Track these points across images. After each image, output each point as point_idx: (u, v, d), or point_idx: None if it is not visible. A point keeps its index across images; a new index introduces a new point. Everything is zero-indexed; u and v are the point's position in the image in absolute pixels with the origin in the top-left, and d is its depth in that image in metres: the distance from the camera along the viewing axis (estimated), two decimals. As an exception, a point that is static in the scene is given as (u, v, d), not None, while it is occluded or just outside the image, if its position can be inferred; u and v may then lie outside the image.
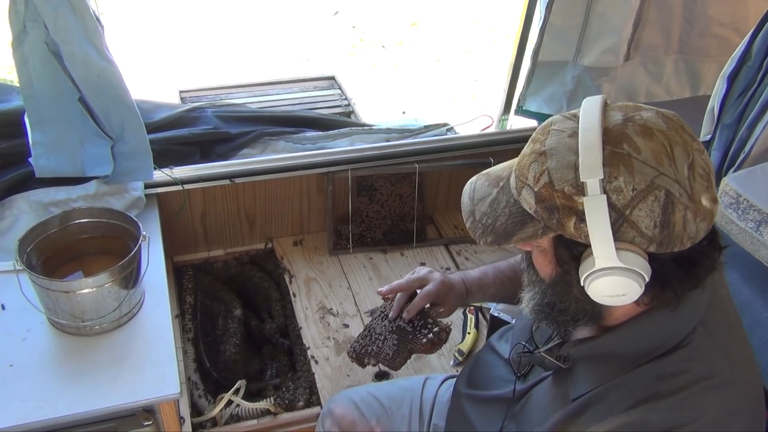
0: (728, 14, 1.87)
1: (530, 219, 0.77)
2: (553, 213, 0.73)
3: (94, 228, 1.32)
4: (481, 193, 0.85)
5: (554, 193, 0.73)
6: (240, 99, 2.33)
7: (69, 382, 1.16)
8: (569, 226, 0.73)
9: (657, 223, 0.70)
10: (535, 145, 0.77)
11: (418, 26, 5.06)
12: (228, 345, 1.60)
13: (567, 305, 0.81)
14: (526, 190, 0.76)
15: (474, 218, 0.84)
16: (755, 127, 1.31)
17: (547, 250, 0.80)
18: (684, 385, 0.76)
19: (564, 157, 0.73)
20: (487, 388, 1.06)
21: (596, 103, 0.76)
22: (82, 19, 1.26)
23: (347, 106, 2.37)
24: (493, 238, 0.81)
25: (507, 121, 2.11)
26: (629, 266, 0.71)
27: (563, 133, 0.75)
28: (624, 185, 0.69)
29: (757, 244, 1.17)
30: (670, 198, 0.69)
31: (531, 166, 0.76)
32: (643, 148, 0.70)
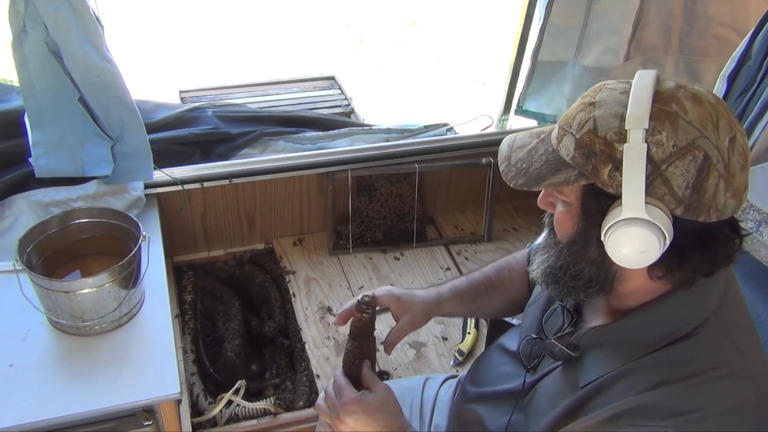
0: (728, 14, 1.87)
1: (564, 166, 0.78)
2: (590, 158, 0.74)
3: (94, 228, 1.32)
4: (520, 142, 0.86)
5: (596, 138, 0.74)
6: (240, 99, 2.33)
7: (69, 382, 1.16)
8: (603, 173, 0.73)
9: (689, 184, 0.70)
10: (585, 98, 0.79)
11: (418, 26, 5.06)
12: (228, 345, 1.60)
13: (581, 268, 0.81)
14: (568, 137, 0.77)
15: (509, 162, 0.85)
16: (755, 127, 1.32)
17: (571, 205, 0.80)
18: (695, 373, 0.76)
19: (612, 108, 0.74)
20: (494, 384, 1.05)
21: (651, 72, 0.77)
22: (82, 19, 1.26)
23: (347, 106, 2.37)
24: (524, 181, 0.81)
25: (507, 121, 2.11)
26: (654, 221, 0.71)
27: (615, 90, 0.77)
28: (665, 140, 0.70)
29: (757, 244, 1.17)
30: (707, 161, 0.70)
31: (577, 115, 0.77)
32: (690, 111, 0.72)
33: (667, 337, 0.79)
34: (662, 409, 0.75)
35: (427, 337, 1.64)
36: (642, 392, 0.77)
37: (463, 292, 1.17)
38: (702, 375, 0.76)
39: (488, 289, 1.16)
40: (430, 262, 1.88)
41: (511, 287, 1.17)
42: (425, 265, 1.86)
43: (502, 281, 1.18)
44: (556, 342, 0.89)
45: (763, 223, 1.15)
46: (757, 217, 1.16)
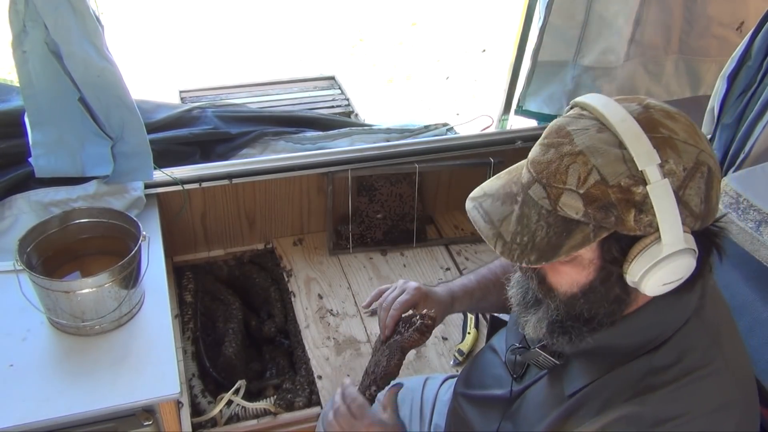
0: (728, 14, 1.87)
1: (576, 225, 0.72)
2: (609, 211, 0.70)
3: (94, 228, 1.32)
4: (498, 214, 0.78)
5: (609, 189, 0.69)
6: (240, 99, 2.33)
7: (69, 382, 1.16)
8: (629, 220, 0.70)
9: (702, 199, 0.70)
10: (561, 148, 0.73)
11: (418, 26, 5.06)
12: (228, 345, 1.60)
13: (595, 312, 0.79)
14: (568, 195, 0.71)
15: (504, 241, 0.76)
16: (755, 127, 1.31)
17: (580, 258, 0.75)
18: (676, 376, 0.76)
19: (608, 152, 0.70)
20: (484, 387, 1.06)
21: (606, 98, 0.75)
22: (82, 19, 1.26)
23: (347, 106, 2.37)
24: (537, 256, 0.73)
25: (507, 121, 2.11)
26: (691, 246, 0.71)
27: (589, 131, 0.72)
28: (675, 167, 0.69)
29: (757, 244, 1.17)
30: (711, 173, 0.71)
31: (570, 169, 0.71)
32: (677, 129, 0.71)
33: (650, 343, 0.79)
34: (647, 417, 0.75)
35: (427, 337, 1.64)
36: (625, 402, 0.77)
37: (473, 291, 1.18)
38: (684, 377, 0.76)
39: (495, 285, 1.16)
40: (430, 262, 1.88)
41: None
42: (425, 265, 1.86)
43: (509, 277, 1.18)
44: (540, 351, 0.89)
45: (763, 223, 1.15)
46: (757, 217, 1.16)
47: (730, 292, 1.24)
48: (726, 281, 1.25)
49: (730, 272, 1.25)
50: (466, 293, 1.17)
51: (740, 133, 1.35)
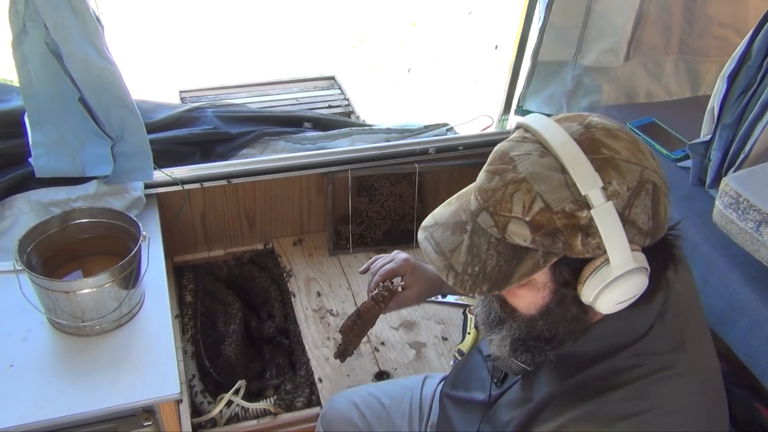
0: (728, 14, 1.87)
1: (525, 252, 0.72)
2: (556, 237, 0.70)
3: (94, 228, 1.32)
4: (448, 244, 0.78)
5: (553, 216, 0.69)
6: (240, 99, 2.33)
7: (69, 383, 1.16)
8: (576, 245, 0.70)
9: (650, 216, 0.71)
10: (505, 175, 0.73)
11: (418, 26, 5.06)
12: (228, 345, 1.60)
13: (556, 332, 0.79)
14: (514, 223, 0.71)
15: (456, 272, 0.76)
16: (755, 127, 1.31)
17: (534, 281, 0.76)
18: (637, 377, 0.77)
19: (551, 178, 0.70)
20: (468, 389, 1.07)
21: (547, 119, 0.75)
22: (82, 19, 1.26)
23: (347, 106, 2.37)
24: (489, 285, 0.74)
25: (507, 121, 2.11)
26: (641, 265, 0.71)
27: (531, 156, 0.72)
28: (619, 187, 0.69)
29: (757, 244, 1.17)
30: (656, 189, 0.71)
31: (514, 196, 0.71)
32: (619, 149, 0.71)
33: (615, 348, 0.79)
34: (605, 415, 0.75)
35: (427, 337, 1.64)
36: (583, 401, 0.77)
37: None
38: (644, 378, 0.76)
39: None
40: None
41: None
42: (425, 265, 1.86)
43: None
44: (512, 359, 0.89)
45: (763, 223, 1.15)
46: (757, 217, 1.16)
47: (730, 292, 1.24)
48: (726, 281, 1.25)
49: (730, 272, 1.25)
50: None
51: (740, 133, 1.35)
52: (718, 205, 1.23)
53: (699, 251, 1.32)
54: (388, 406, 1.25)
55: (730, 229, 1.21)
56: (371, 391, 1.30)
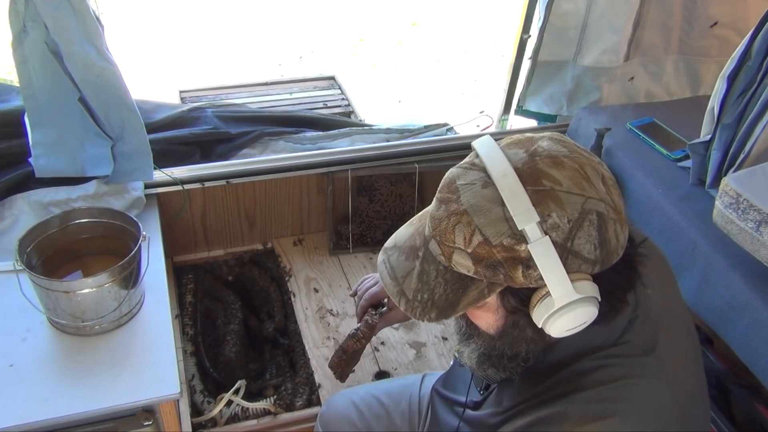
0: (728, 14, 1.87)
1: (470, 281, 0.73)
2: (497, 269, 0.70)
3: (94, 228, 1.32)
4: (402, 270, 0.79)
5: (492, 249, 0.69)
6: (240, 99, 2.33)
7: (69, 382, 1.16)
8: (517, 276, 0.70)
9: (596, 245, 0.69)
10: (449, 205, 0.73)
11: (418, 26, 5.06)
12: (228, 345, 1.60)
13: (518, 350, 0.80)
14: (458, 253, 0.72)
15: (407, 298, 0.77)
16: (755, 127, 1.31)
17: (489, 304, 0.77)
18: (605, 379, 0.76)
19: (490, 211, 0.70)
20: (455, 391, 1.08)
21: (492, 145, 0.75)
22: (82, 19, 1.26)
23: (347, 106, 2.37)
24: (437, 313, 0.75)
25: (507, 121, 2.11)
26: (586, 294, 0.70)
27: (475, 186, 0.73)
28: (559, 220, 0.68)
29: (757, 244, 1.17)
30: (601, 218, 0.69)
31: (456, 228, 0.71)
32: (561, 179, 0.70)
33: (581, 353, 0.79)
34: (572, 416, 0.75)
35: (427, 337, 1.64)
36: (550, 402, 0.77)
37: None
38: (613, 382, 0.76)
39: None
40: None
41: None
42: (425, 265, 1.86)
43: None
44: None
45: (763, 223, 1.15)
46: (757, 217, 1.16)
47: (730, 292, 1.24)
48: (726, 281, 1.25)
49: (730, 272, 1.25)
50: None
51: (740, 133, 1.35)
52: (718, 205, 1.23)
53: (699, 251, 1.32)
54: (387, 405, 1.25)
55: (730, 229, 1.22)
56: (370, 391, 1.30)
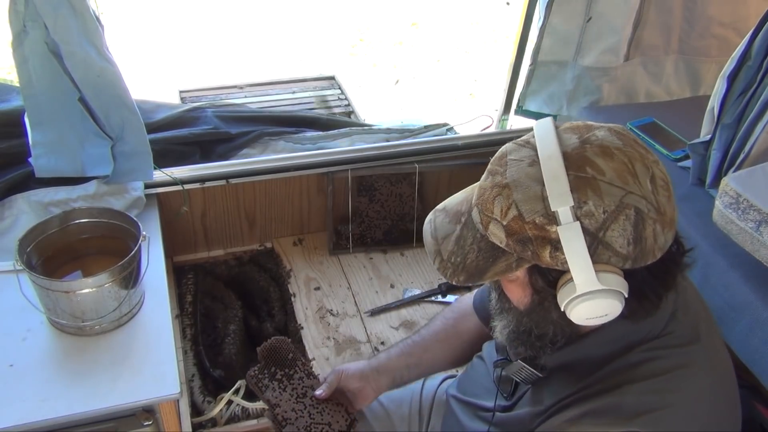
0: (728, 14, 1.87)
1: (502, 253, 0.75)
2: (526, 245, 0.72)
3: (94, 228, 1.32)
4: (443, 231, 0.83)
5: (525, 225, 0.71)
6: (240, 99, 2.33)
7: (69, 382, 1.16)
8: (545, 256, 0.72)
9: (630, 240, 0.70)
10: (495, 177, 0.76)
11: (418, 26, 5.06)
12: (228, 345, 1.60)
13: (545, 330, 0.81)
14: (494, 224, 0.74)
15: (442, 258, 0.81)
16: (755, 127, 1.31)
17: (520, 280, 0.79)
18: (658, 371, 0.77)
19: (529, 189, 0.72)
20: (476, 396, 1.07)
21: (549, 127, 0.76)
22: (82, 19, 1.26)
23: (347, 106, 2.37)
24: (465, 277, 0.78)
25: (507, 121, 2.11)
26: (610, 287, 0.71)
27: (522, 163, 0.74)
28: (594, 209, 0.69)
29: (757, 244, 1.17)
30: (640, 215, 0.70)
31: (496, 200, 0.74)
32: (606, 169, 0.70)
33: (627, 347, 0.80)
34: (626, 408, 0.76)
35: (427, 337, 1.64)
36: (603, 393, 0.78)
37: (400, 357, 1.17)
38: (666, 373, 0.77)
39: (441, 340, 1.19)
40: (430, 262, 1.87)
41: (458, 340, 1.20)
42: (425, 265, 1.86)
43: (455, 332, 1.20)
44: (523, 363, 0.89)
45: (763, 223, 1.15)
46: (757, 217, 1.16)
47: (730, 292, 1.24)
48: (726, 281, 1.25)
49: (730, 272, 1.25)
50: (390, 359, 1.17)
51: (740, 133, 1.35)
52: (718, 205, 1.23)
53: (699, 251, 1.32)
54: (388, 407, 1.25)
55: (730, 229, 1.21)
56: (371, 392, 1.29)
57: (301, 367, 1.19)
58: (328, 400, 1.15)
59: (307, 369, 1.20)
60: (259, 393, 1.15)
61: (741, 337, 1.21)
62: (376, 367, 1.17)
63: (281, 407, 1.13)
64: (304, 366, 1.20)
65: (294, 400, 1.14)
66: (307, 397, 1.15)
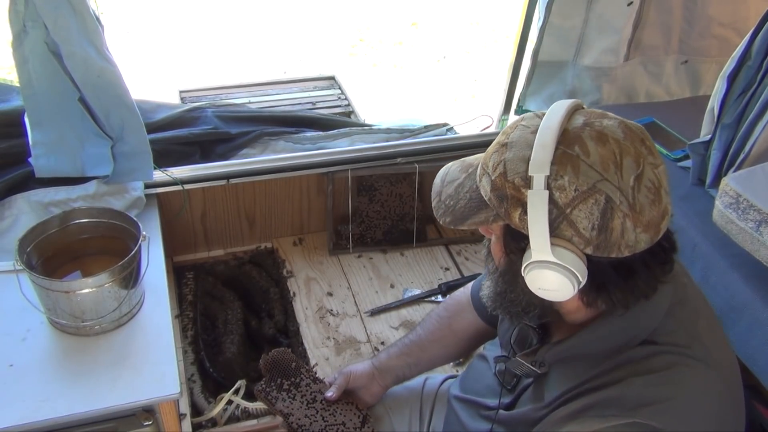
0: (728, 14, 1.87)
1: (484, 206, 0.80)
2: (502, 202, 0.77)
3: (94, 228, 1.32)
4: (451, 177, 0.88)
5: (506, 183, 0.76)
6: (240, 99, 2.33)
7: (69, 382, 1.16)
8: (515, 217, 0.76)
9: (595, 226, 0.71)
10: (501, 136, 0.81)
11: (418, 26, 5.06)
12: (228, 345, 1.60)
13: (516, 295, 0.84)
14: (486, 177, 0.79)
15: (439, 198, 0.87)
16: (755, 127, 1.31)
17: (498, 239, 0.83)
18: (660, 367, 0.78)
19: (521, 151, 0.76)
20: (478, 394, 1.07)
21: (564, 105, 0.78)
22: (82, 19, 1.26)
23: (347, 106, 2.37)
24: (450, 219, 0.84)
25: (507, 121, 2.11)
26: (563, 263, 0.73)
27: (527, 129, 0.78)
28: (567, 184, 0.71)
29: (757, 244, 1.17)
30: (609, 204, 0.71)
31: (493, 155, 0.79)
32: (592, 153, 0.72)
33: (625, 346, 0.81)
34: (629, 399, 0.76)
35: (427, 337, 1.64)
36: (607, 386, 0.79)
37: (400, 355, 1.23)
38: (668, 368, 0.77)
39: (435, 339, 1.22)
40: (430, 262, 1.88)
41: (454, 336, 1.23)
42: (425, 265, 1.86)
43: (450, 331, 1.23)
44: (522, 360, 0.91)
45: (763, 223, 1.15)
46: (757, 217, 1.16)
47: (730, 292, 1.24)
48: (726, 281, 1.25)
49: (730, 272, 1.25)
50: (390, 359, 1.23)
51: (740, 133, 1.35)
52: (718, 205, 1.23)
53: (699, 251, 1.32)
54: (389, 407, 1.25)
55: (730, 229, 1.22)
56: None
57: (306, 374, 1.23)
58: (338, 401, 1.19)
59: (311, 375, 1.24)
60: (270, 405, 1.19)
61: (741, 337, 1.21)
62: (378, 366, 1.22)
63: (294, 415, 1.16)
64: (308, 372, 1.24)
65: (305, 406, 1.18)
66: (317, 401, 1.19)
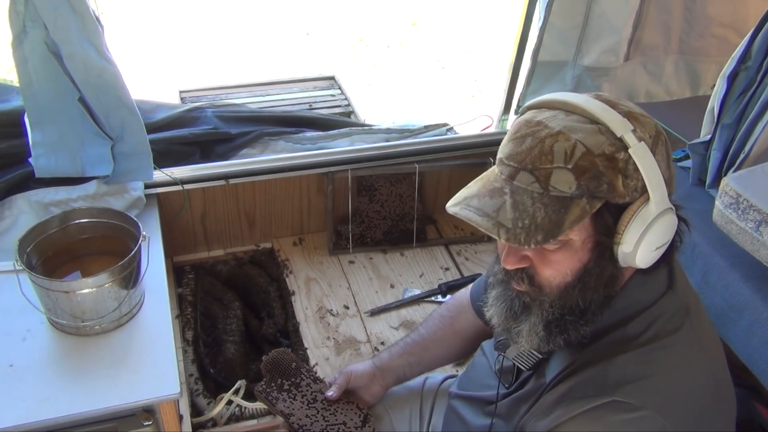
0: (728, 14, 1.87)
1: (570, 200, 0.74)
2: (600, 179, 0.73)
3: (94, 228, 1.32)
4: (491, 207, 0.77)
5: (595, 159, 0.73)
6: (240, 99, 2.33)
7: (69, 382, 1.16)
8: (619, 185, 0.74)
9: (667, 164, 0.77)
10: (538, 134, 0.75)
11: (418, 26, 5.06)
12: (228, 345, 1.60)
13: (589, 299, 0.80)
14: (557, 173, 0.73)
15: (506, 228, 0.75)
16: (755, 127, 1.31)
17: (572, 243, 0.77)
18: (646, 341, 0.79)
19: (584, 129, 0.75)
20: (477, 390, 1.08)
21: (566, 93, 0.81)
22: (82, 19, 1.26)
23: (347, 106, 2.37)
24: (543, 235, 0.74)
25: (507, 121, 2.10)
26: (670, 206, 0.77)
27: (558, 116, 0.77)
28: (643, 134, 0.75)
29: (757, 244, 1.17)
30: (667, 141, 0.78)
31: (554, 147, 0.74)
32: (631, 107, 0.78)
33: (628, 317, 0.82)
34: (610, 379, 0.77)
35: (427, 337, 1.64)
36: (592, 365, 0.80)
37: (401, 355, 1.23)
38: (652, 342, 0.78)
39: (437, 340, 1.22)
40: (430, 262, 1.88)
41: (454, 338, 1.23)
42: (425, 265, 1.86)
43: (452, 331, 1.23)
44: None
45: (763, 223, 1.15)
46: (757, 217, 1.16)
47: (730, 292, 1.24)
48: (726, 281, 1.25)
49: (730, 272, 1.25)
50: (392, 358, 1.23)
51: (740, 133, 1.35)
52: (718, 205, 1.23)
53: (699, 251, 1.32)
54: (389, 406, 1.25)
55: (730, 229, 1.21)
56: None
57: (306, 374, 1.23)
58: (338, 401, 1.19)
59: (312, 375, 1.24)
60: (270, 406, 1.19)
61: (741, 337, 1.21)
62: (379, 365, 1.22)
63: (295, 416, 1.17)
64: (308, 372, 1.24)
65: (306, 406, 1.18)
66: (317, 401, 1.19)
